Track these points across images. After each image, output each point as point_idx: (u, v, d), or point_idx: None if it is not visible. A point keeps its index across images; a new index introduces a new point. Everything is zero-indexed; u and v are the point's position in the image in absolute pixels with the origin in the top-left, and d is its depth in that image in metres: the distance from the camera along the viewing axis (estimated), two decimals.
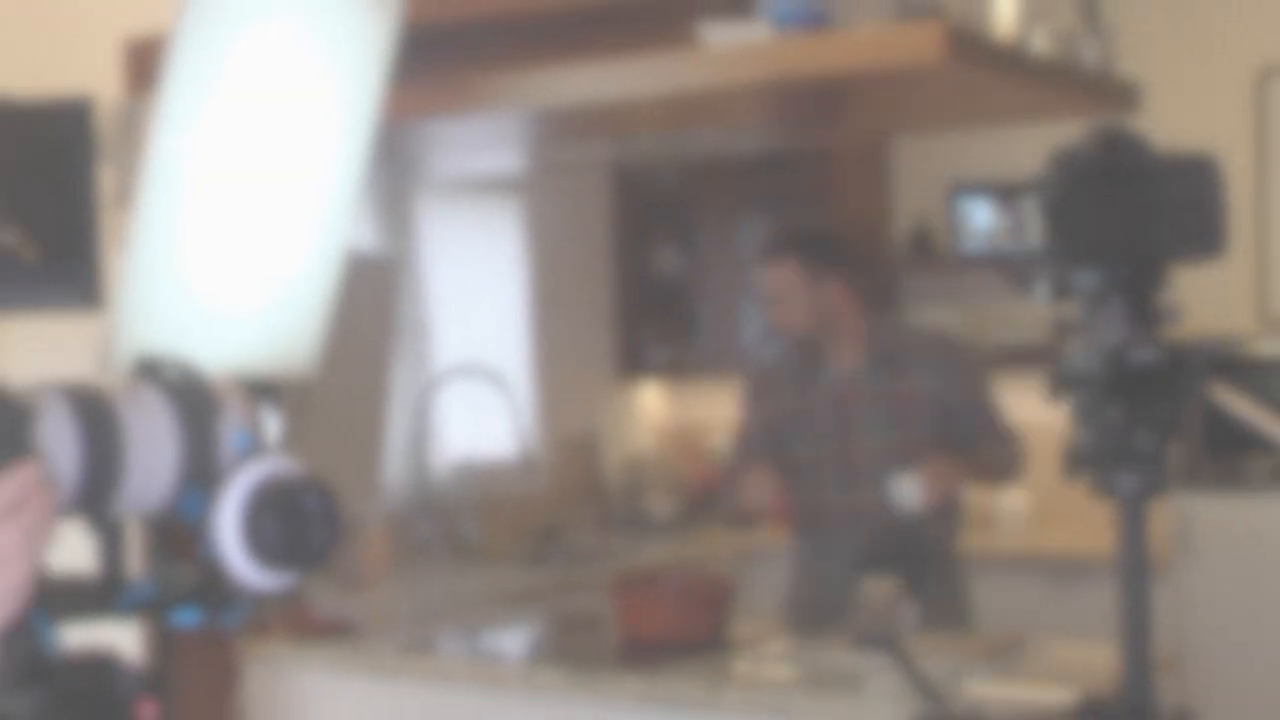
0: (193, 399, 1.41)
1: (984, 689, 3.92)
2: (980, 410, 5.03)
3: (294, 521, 1.36)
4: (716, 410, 7.70)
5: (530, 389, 7.07)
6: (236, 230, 3.05)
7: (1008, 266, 2.04)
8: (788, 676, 4.24)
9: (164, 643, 3.31)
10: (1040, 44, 4.46)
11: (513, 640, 5.18)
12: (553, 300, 7.22)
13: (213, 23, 2.85)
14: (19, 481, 1.24)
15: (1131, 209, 1.91)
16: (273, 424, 1.59)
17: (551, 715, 4.31)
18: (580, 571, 6.15)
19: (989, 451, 5.00)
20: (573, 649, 4.84)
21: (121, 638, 1.41)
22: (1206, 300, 5.34)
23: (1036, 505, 6.54)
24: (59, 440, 1.33)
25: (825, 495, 4.93)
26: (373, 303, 4.44)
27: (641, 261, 7.51)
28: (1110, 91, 4.85)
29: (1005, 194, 2.02)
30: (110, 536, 1.43)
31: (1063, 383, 1.95)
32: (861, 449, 4.88)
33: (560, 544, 6.56)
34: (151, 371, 1.42)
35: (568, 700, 4.27)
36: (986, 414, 5.04)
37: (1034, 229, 1.99)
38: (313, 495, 1.37)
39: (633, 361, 7.59)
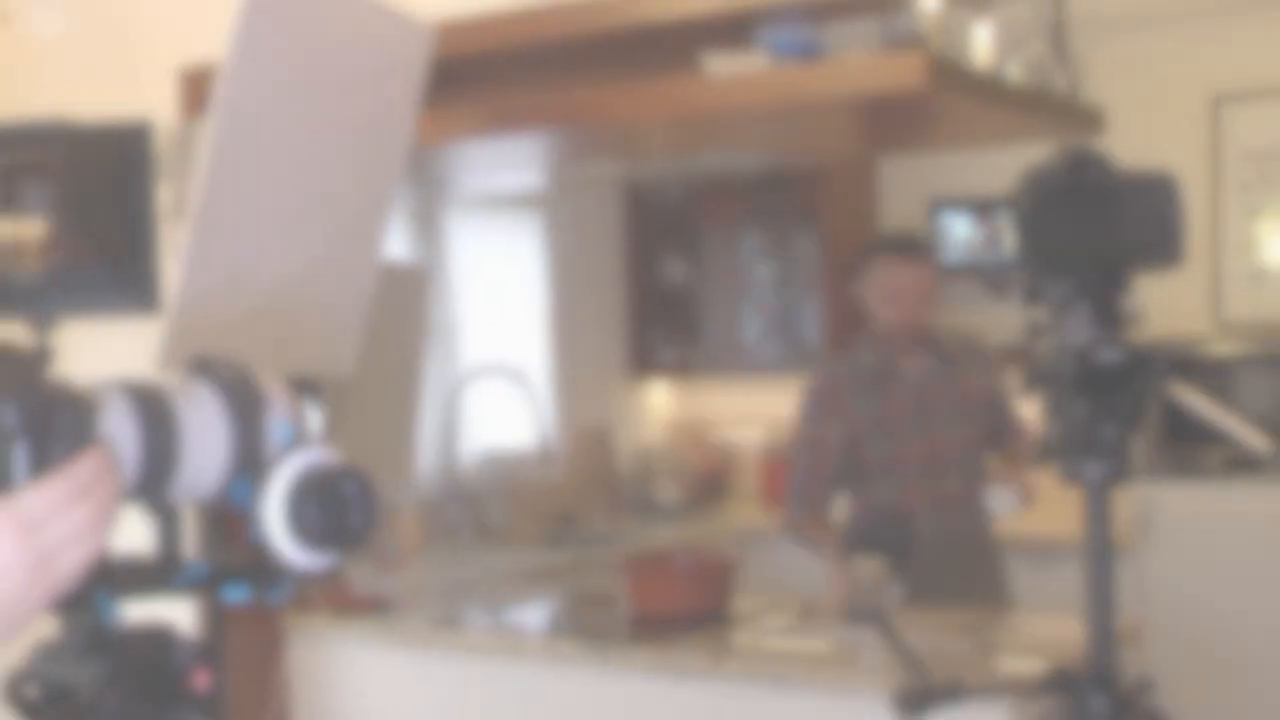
0: (242, 395, 1.41)
1: (963, 660, 3.92)
2: (1007, 403, 5.00)
3: (334, 507, 1.36)
4: (719, 405, 7.71)
5: (549, 386, 7.07)
6: (282, 242, 3.06)
7: (984, 274, 2.04)
8: (784, 649, 4.24)
9: (216, 617, 3.31)
10: (1014, 72, 4.46)
11: (533, 615, 5.18)
12: (569, 305, 7.23)
13: (260, 56, 2.86)
14: (88, 466, 1.25)
15: (1096, 222, 1.91)
16: (314, 418, 1.59)
17: (568, 684, 4.31)
18: (594, 552, 6.16)
19: (1023, 443, 4.91)
20: (588, 623, 4.84)
21: (178, 613, 1.41)
22: (1165, 305, 5.31)
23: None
24: (120, 433, 1.33)
25: (914, 489, 4.81)
26: (406, 307, 4.44)
27: (650, 270, 7.51)
28: (1077, 115, 4.85)
29: (982, 208, 2.02)
30: (167, 521, 1.43)
31: (1034, 380, 1.95)
32: (943, 443, 4.82)
33: (576, 527, 6.57)
34: (205, 370, 1.42)
35: (583, 670, 4.27)
36: (1010, 407, 5.01)
37: (1008, 240, 1.99)
38: (351, 483, 1.37)
39: (642, 361, 7.59)
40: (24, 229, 1.40)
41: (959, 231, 6.41)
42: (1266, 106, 6.25)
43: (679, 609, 4.43)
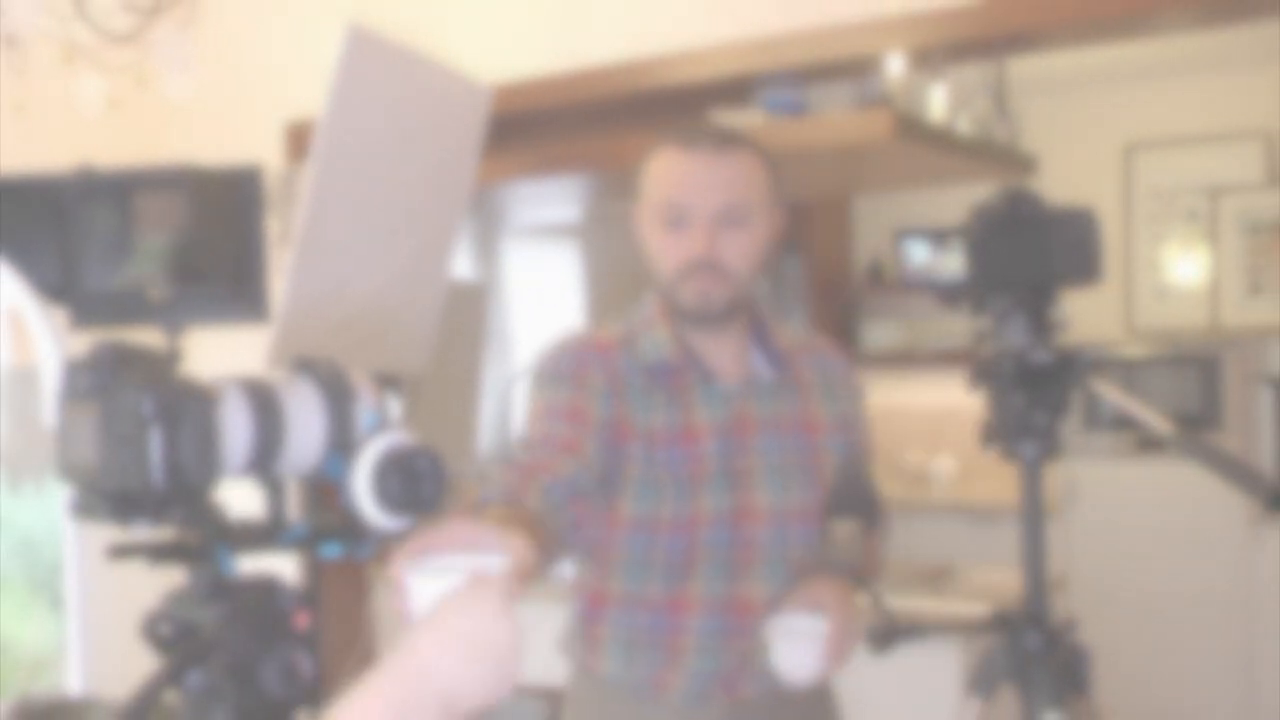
0: (335, 389, 1.41)
1: (922, 605, 3.90)
2: (864, 447, 2.40)
3: (410, 478, 1.36)
4: None
5: None
6: (368, 264, 3.06)
7: (940, 290, 2.03)
8: None
9: (314, 569, 3.32)
10: (963, 126, 4.45)
11: (567, 566, 5.17)
12: (602, 316, 7.22)
13: (351, 112, 2.86)
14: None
15: (1030, 248, 1.90)
16: (395, 407, 1.59)
17: None
18: None
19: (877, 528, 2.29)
20: None
21: (283, 565, 1.41)
22: (1086, 316, 5.32)
23: (961, 467, 6.52)
24: (236, 420, 1.33)
25: (691, 587, 2.21)
26: (469, 318, 4.44)
27: None
28: (1015, 161, 4.84)
29: (938, 237, 2.01)
30: (275, 491, 1.43)
31: (980, 376, 1.94)
32: (759, 510, 2.21)
33: None
34: (305, 368, 1.42)
35: None
36: (866, 454, 2.41)
37: (959, 263, 1.99)
38: (424, 459, 1.37)
39: None
40: (159, 253, 1.40)
41: (919, 255, 6.40)
42: (1169, 153, 6.23)
43: None
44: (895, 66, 3.98)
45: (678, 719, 2.23)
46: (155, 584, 1.44)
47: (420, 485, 1.37)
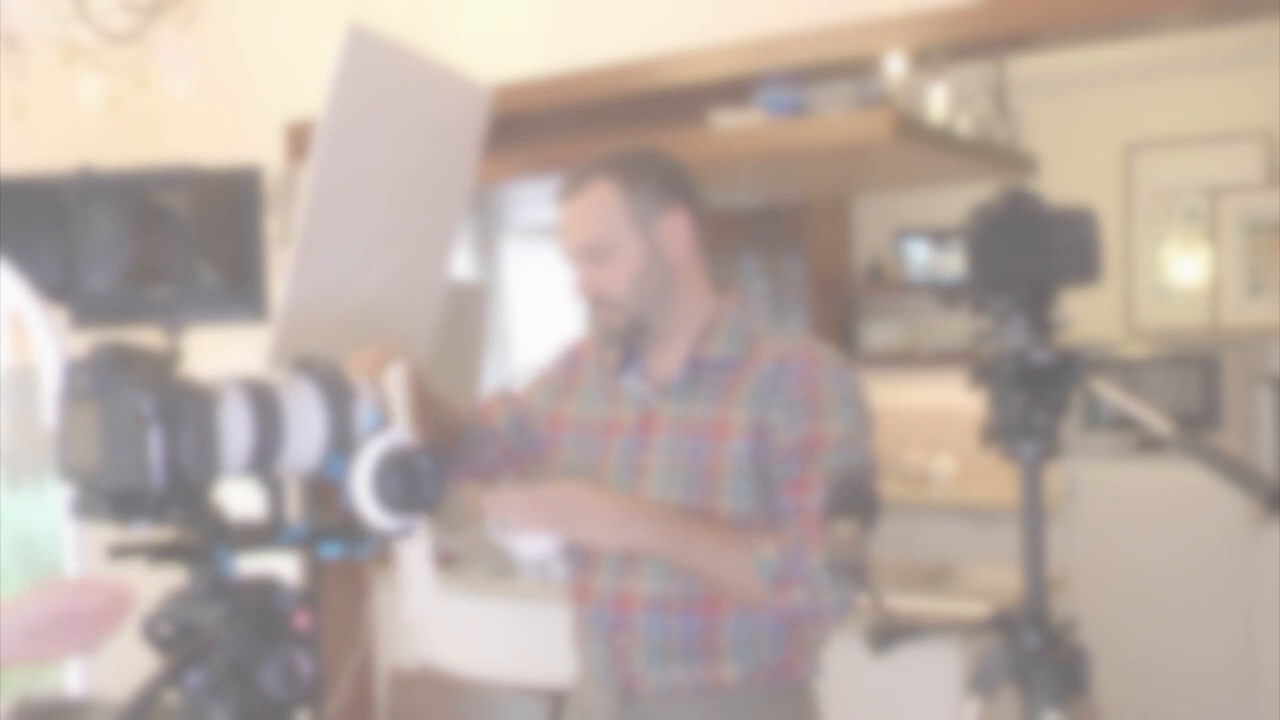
0: (335, 388, 1.41)
1: (922, 605, 3.90)
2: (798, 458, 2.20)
3: (410, 478, 1.36)
4: None
5: None
6: (368, 264, 3.06)
7: (939, 290, 2.03)
8: None
9: (314, 569, 3.32)
10: (963, 126, 4.45)
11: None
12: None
13: (351, 112, 2.86)
14: None
15: (1031, 248, 1.90)
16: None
17: None
18: None
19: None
20: None
21: (283, 565, 1.41)
22: (1087, 316, 5.31)
23: (961, 467, 6.52)
24: (236, 420, 1.33)
25: (593, 579, 2.37)
26: (469, 317, 4.44)
27: None
28: (1015, 161, 4.84)
29: (937, 237, 2.01)
30: (274, 490, 1.43)
31: (980, 376, 1.94)
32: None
33: None
34: (305, 368, 1.42)
35: None
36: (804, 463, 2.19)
37: (959, 263, 1.98)
38: (424, 459, 1.37)
39: None
40: (160, 254, 1.40)
41: (918, 255, 6.41)
42: (1169, 154, 6.24)
43: None
44: (895, 66, 3.98)
45: (593, 693, 2.41)
46: (155, 584, 1.44)
47: (420, 485, 1.37)
